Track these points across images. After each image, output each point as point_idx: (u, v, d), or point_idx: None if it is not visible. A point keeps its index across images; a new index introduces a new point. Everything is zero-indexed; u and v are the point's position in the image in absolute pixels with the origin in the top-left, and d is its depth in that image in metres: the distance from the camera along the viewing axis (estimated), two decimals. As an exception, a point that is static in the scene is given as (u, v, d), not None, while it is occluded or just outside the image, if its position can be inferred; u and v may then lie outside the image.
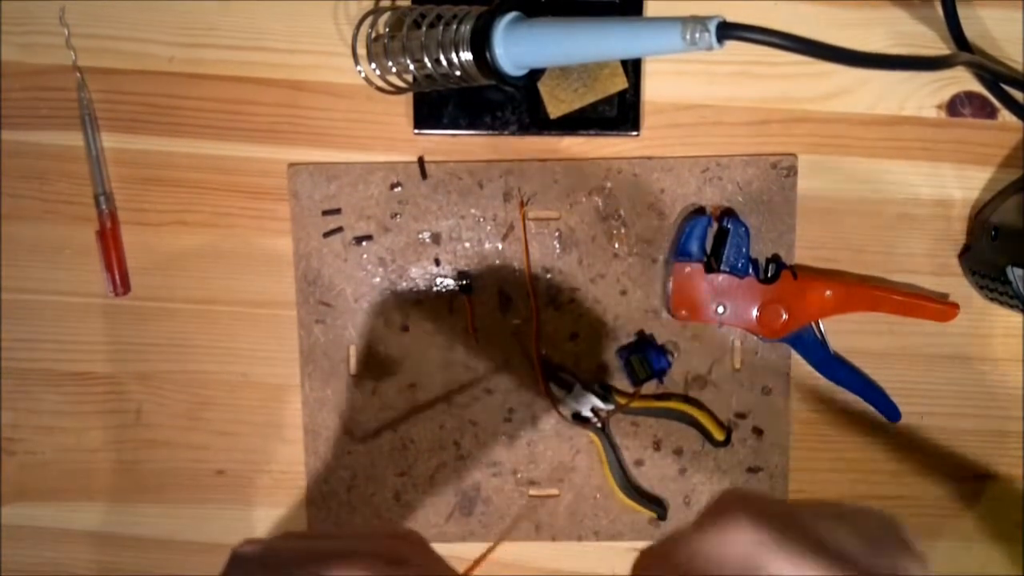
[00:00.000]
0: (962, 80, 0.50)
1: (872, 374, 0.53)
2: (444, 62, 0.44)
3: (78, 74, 0.50)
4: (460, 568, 0.55)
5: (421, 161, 0.51)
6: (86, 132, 0.51)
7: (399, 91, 0.48)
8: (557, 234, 0.51)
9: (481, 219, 0.51)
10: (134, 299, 0.53)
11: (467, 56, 0.43)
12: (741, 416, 0.52)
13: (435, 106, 0.50)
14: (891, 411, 0.52)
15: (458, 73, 0.44)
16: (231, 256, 0.52)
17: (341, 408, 0.53)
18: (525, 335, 0.52)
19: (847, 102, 0.50)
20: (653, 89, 0.50)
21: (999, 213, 0.49)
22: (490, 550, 0.53)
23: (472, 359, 0.52)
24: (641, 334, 0.52)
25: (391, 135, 0.51)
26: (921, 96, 0.50)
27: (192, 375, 0.53)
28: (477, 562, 0.53)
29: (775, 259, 0.51)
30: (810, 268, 0.52)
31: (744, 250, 0.50)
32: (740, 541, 0.28)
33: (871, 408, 0.52)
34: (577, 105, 0.49)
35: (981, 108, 0.50)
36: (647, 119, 0.50)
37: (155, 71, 0.51)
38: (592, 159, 0.51)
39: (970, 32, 0.49)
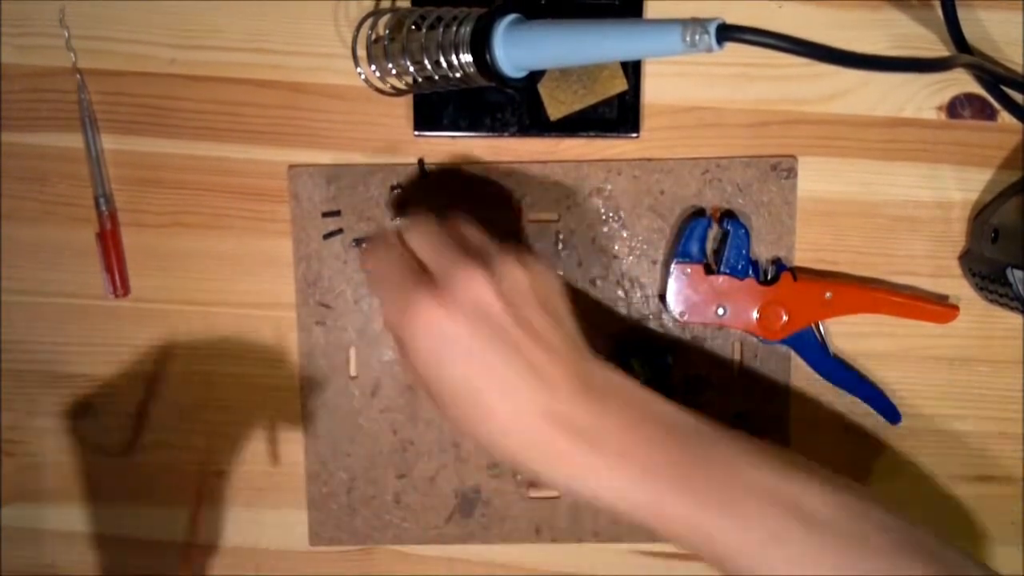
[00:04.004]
0: (962, 82, 0.50)
1: (872, 375, 0.53)
2: (444, 64, 0.44)
3: (78, 76, 0.50)
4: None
5: (421, 163, 0.51)
6: (86, 134, 0.51)
7: (399, 93, 0.48)
8: (557, 236, 0.51)
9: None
10: (134, 300, 0.53)
11: (467, 58, 0.43)
12: (741, 417, 0.52)
13: (435, 108, 0.50)
14: (891, 412, 0.52)
15: (458, 75, 0.44)
16: (231, 258, 0.52)
17: (341, 409, 0.53)
18: (525, 337, 0.52)
19: (847, 104, 0.50)
20: (653, 91, 0.50)
21: (999, 215, 0.49)
22: None
23: (472, 361, 0.52)
24: (641, 336, 0.52)
25: (391, 137, 0.51)
26: (921, 98, 0.50)
27: (192, 376, 0.53)
28: None
29: (775, 261, 0.51)
30: (810, 270, 0.52)
31: (744, 252, 0.50)
32: None
33: (871, 409, 0.52)
34: (577, 107, 0.49)
35: (981, 110, 0.50)
36: (647, 121, 0.50)
37: (155, 73, 0.51)
38: (592, 161, 0.51)
39: (970, 34, 0.49)
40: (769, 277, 0.50)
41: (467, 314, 0.37)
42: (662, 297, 0.51)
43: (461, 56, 0.43)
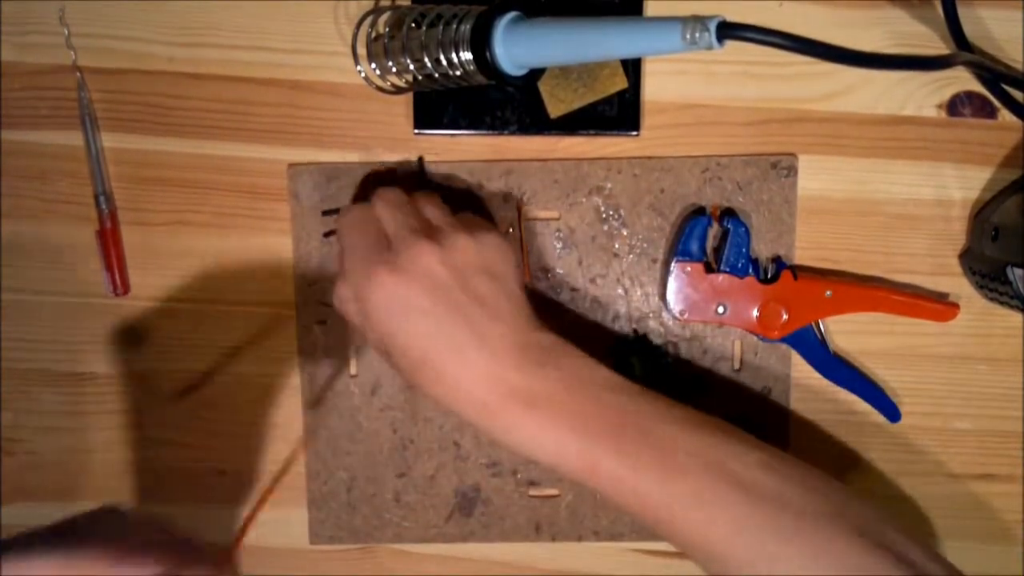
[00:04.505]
0: (962, 80, 0.50)
1: (872, 374, 0.53)
2: (444, 62, 0.44)
3: (78, 74, 0.50)
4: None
5: (421, 161, 0.51)
6: (86, 132, 0.51)
7: (399, 91, 0.48)
8: (557, 234, 0.51)
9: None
10: (134, 299, 0.53)
11: (467, 56, 0.43)
12: (741, 416, 0.52)
13: (435, 106, 0.50)
14: (891, 411, 0.52)
15: (458, 73, 0.44)
16: (231, 256, 0.52)
17: (341, 408, 0.53)
18: (525, 335, 0.52)
19: (847, 102, 0.50)
20: (653, 89, 0.50)
21: (999, 213, 0.49)
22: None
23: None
24: (640, 334, 0.52)
25: (391, 135, 0.51)
26: (921, 96, 0.50)
27: (192, 375, 0.53)
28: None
29: (775, 259, 0.51)
30: (810, 268, 0.52)
31: (744, 250, 0.50)
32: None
33: (871, 408, 0.52)
34: (577, 105, 0.49)
35: (981, 108, 0.50)
36: (647, 119, 0.50)
37: (155, 71, 0.51)
38: (592, 159, 0.51)
39: (970, 32, 0.49)
40: (769, 275, 0.50)
41: (418, 281, 0.41)
42: (662, 295, 0.51)
43: (461, 54, 0.43)
